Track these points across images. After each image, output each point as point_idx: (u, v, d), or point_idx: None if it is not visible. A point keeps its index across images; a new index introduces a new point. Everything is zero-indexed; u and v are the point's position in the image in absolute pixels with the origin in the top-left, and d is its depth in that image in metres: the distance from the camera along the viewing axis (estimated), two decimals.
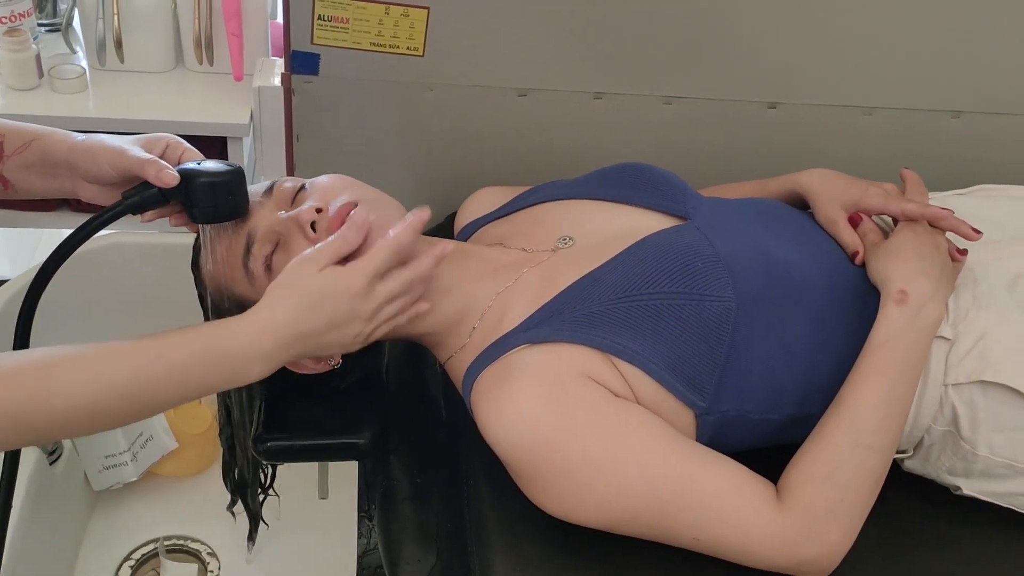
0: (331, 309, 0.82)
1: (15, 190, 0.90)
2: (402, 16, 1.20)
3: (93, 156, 0.87)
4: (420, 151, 1.35)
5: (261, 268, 0.89)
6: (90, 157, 0.87)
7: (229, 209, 0.90)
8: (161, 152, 0.89)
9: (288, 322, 0.80)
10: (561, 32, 1.25)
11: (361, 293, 0.82)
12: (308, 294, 0.81)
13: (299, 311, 0.81)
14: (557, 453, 0.84)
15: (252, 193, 0.93)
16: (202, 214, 0.89)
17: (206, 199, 0.88)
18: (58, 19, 1.68)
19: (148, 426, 1.67)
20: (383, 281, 0.84)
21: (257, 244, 0.90)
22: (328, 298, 0.81)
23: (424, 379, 1.18)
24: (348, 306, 0.82)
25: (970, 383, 0.91)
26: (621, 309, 0.89)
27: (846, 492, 0.85)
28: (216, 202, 0.88)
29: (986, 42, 1.29)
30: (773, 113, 1.34)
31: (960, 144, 1.38)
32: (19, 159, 0.88)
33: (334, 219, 0.89)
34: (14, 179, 0.89)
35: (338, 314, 0.82)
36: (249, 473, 1.09)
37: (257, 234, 0.90)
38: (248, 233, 0.90)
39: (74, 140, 0.89)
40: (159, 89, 1.58)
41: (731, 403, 0.90)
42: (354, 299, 0.82)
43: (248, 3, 1.53)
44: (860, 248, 0.98)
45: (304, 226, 0.88)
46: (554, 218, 1.05)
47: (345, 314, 0.82)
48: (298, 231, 0.89)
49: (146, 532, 1.64)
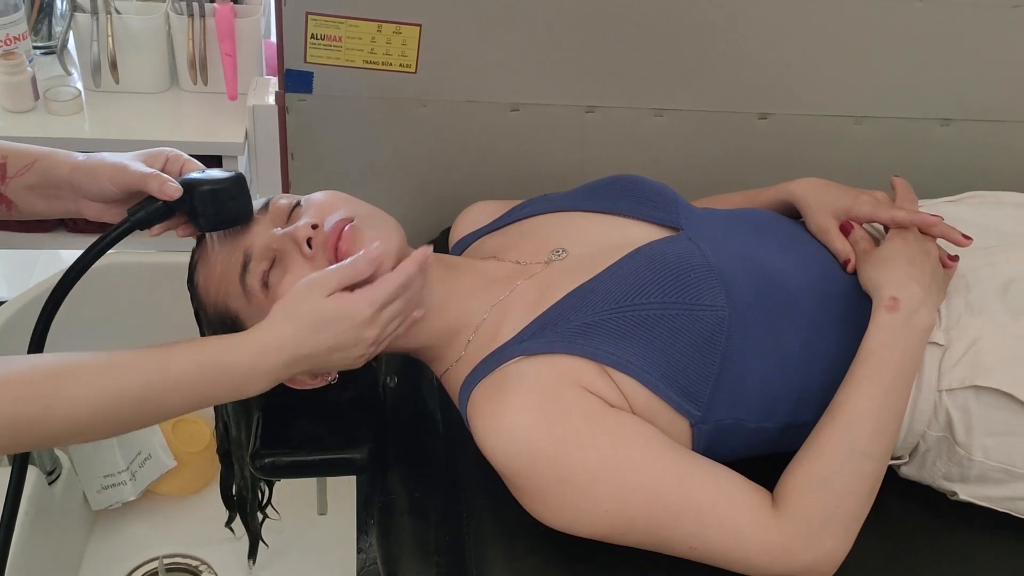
0: (336, 334, 0.83)
1: (18, 211, 0.91)
2: (394, 33, 1.21)
3: (95, 174, 0.87)
4: (414, 167, 1.36)
5: (258, 285, 0.90)
6: (92, 175, 0.88)
7: (233, 215, 0.91)
8: (161, 165, 0.91)
9: (292, 344, 0.82)
10: (553, 47, 1.25)
11: (367, 321, 0.84)
12: (314, 318, 0.82)
13: (303, 333, 0.82)
14: (553, 464, 0.84)
15: None
16: (207, 222, 0.90)
17: (210, 207, 0.89)
18: (53, 42, 1.69)
19: (146, 445, 1.67)
20: (387, 308, 0.85)
21: (254, 261, 0.90)
22: (333, 324, 0.83)
23: (421, 393, 1.19)
24: (353, 332, 0.84)
25: (964, 388, 0.92)
26: (615, 319, 0.90)
27: (842, 499, 0.85)
28: (219, 209, 0.90)
29: (974, 51, 1.30)
30: (764, 124, 1.35)
31: (950, 152, 1.39)
32: (21, 180, 0.89)
33: (330, 235, 0.89)
34: (17, 200, 0.90)
35: (342, 339, 0.83)
36: (247, 490, 1.09)
37: (254, 251, 0.90)
38: (245, 250, 0.91)
39: (76, 160, 0.89)
40: (154, 110, 1.58)
41: (726, 411, 0.90)
42: (359, 326, 0.84)
43: (242, 23, 1.54)
44: (851, 256, 0.99)
45: (300, 243, 0.89)
46: (547, 231, 1.06)
47: (349, 339, 0.84)
48: (294, 248, 0.90)
49: (146, 551, 1.64)
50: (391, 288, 0.85)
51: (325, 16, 1.19)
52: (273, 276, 0.90)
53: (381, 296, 0.84)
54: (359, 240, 0.89)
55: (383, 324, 0.85)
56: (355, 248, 0.88)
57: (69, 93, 1.54)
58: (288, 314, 0.83)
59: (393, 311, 0.86)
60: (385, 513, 1.08)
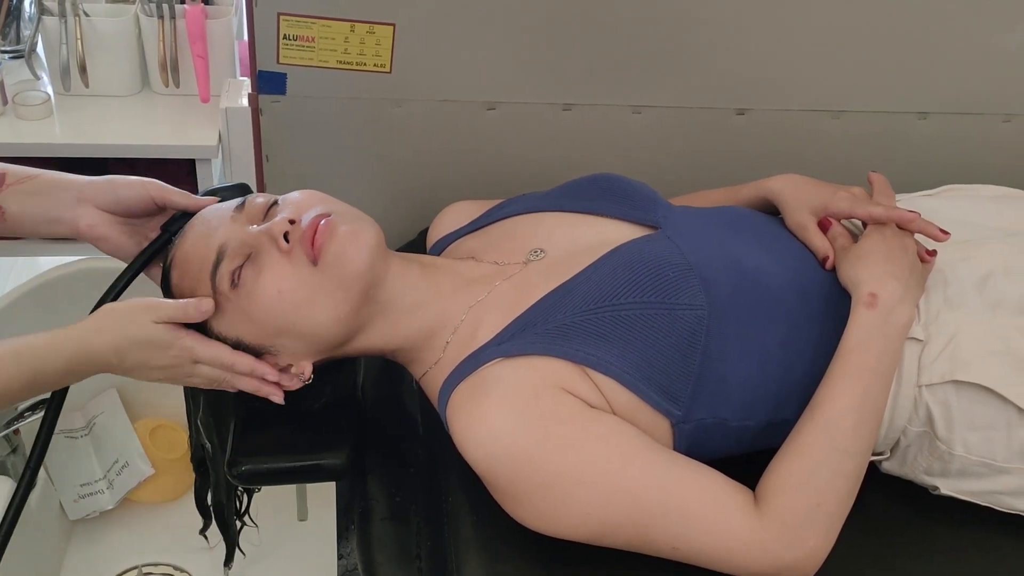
0: (149, 357, 0.88)
1: (4, 221, 0.93)
2: (368, 33, 1.20)
3: (111, 183, 0.95)
4: (390, 167, 1.35)
5: (227, 284, 0.89)
6: (107, 184, 0.95)
7: None
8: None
9: (105, 353, 0.86)
10: (529, 45, 1.25)
11: (184, 360, 0.89)
12: (135, 337, 0.86)
13: (120, 347, 0.86)
14: (534, 466, 0.83)
15: (224, 209, 0.94)
16: None
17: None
18: (21, 45, 1.66)
19: (124, 452, 1.66)
20: (201, 366, 0.90)
21: (227, 260, 0.89)
22: (152, 349, 0.87)
23: (400, 396, 1.18)
24: (167, 362, 0.88)
25: (943, 383, 0.92)
26: (594, 320, 0.89)
27: (823, 497, 0.85)
28: None
29: (951, 45, 1.31)
30: (741, 119, 1.35)
31: (927, 145, 1.39)
32: (20, 187, 0.93)
33: (307, 229, 0.89)
34: (10, 207, 0.93)
35: (154, 362, 0.88)
36: (224, 497, 1.08)
37: (228, 249, 0.89)
38: (219, 248, 0.90)
39: (88, 178, 0.96)
40: (125, 113, 1.57)
41: (706, 411, 0.90)
42: (175, 359, 0.89)
43: (213, 24, 1.52)
44: (830, 253, 0.99)
45: (277, 238, 0.89)
46: (525, 231, 1.05)
47: (160, 367, 0.89)
48: (271, 244, 0.89)
49: (125, 560, 1.63)
50: (211, 353, 0.89)
51: (297, 16, 1.18)
52: (247, 273, 0.89)
53: (203, 353, 0.89)
54: (335, 234, 0.89)
55: (197, 371, 0.90)
56: (331, 243, 0.88)
57: (38, 97, 1.52)
58: (114, 322, 0.86)
59: (208, 372, 0.91)
60: (365, 518, 1.07)
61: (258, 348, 0.92)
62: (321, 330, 0.90)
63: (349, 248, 0.89)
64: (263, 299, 0.88)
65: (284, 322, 0.89)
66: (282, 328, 0.90)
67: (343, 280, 0.89)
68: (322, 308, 0.89)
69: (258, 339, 0.91)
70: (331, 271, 0.88)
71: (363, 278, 0.90)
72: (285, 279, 0.88)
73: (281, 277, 0.88)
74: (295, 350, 0.92)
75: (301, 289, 0.88)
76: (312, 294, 0.88)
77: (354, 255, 0.89)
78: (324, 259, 0.88)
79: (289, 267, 0.88)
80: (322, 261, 0.88)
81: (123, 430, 1.69)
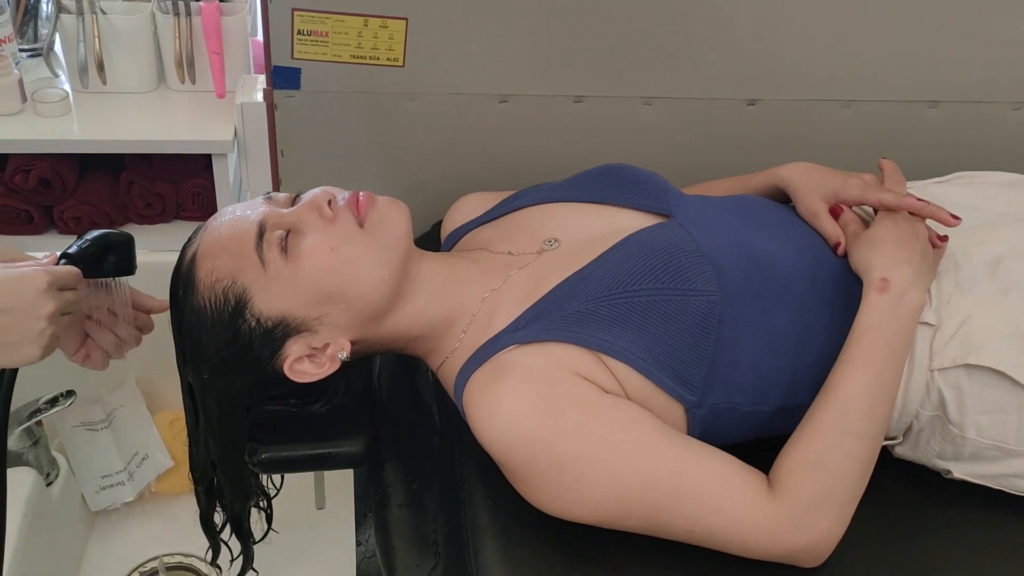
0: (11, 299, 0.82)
1: None
2: (381, 27, 1.21)
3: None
4: (404, 160, 1.36)
5: (276, 251, 0.90)
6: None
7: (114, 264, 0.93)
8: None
9: None
10: (540, 37, 1.26)
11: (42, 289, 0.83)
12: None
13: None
14: (549, 451, 0.85)
15: (249, 202, 0.96)
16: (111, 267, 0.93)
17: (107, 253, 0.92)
18: (39, 44, 1.68)
19: (143, 445, 1.67)
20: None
21: (269, 230, 0.91)
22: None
23: (416, 387, 1.19)
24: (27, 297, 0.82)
25: (955, 367, 0.92)
26: (608, 307, 0.90)
27: (836, 479, 0.86)
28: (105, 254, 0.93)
29: (961, 33, 1.31)
30: (752, 109, 1.35)
31: (937, 133, 1.39)
32: None
33: (350, 197, 0.94)
34: None
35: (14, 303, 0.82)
36: (239, 506, 1.05)
37: (269, 222, 0.92)
38: (260, 222, 0.92)
39: None
40: (142, 109, 1.58)
41: (720, 396, 0.91)
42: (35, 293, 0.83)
43: (228, 21, 1.53)
44: (842, 239, 1.00)
45: (321, 205, 0.92)
46: (539, 221, 1.06)
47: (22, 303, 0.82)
48: (313, 213, 0.92)
49: (146, 551, 1.64)
50: (62, 272, 0.85)
51: (311, 12, 1.19)
52: (291, 241, 0.91)
53: (55, 276, 0.84)
54: (376, 202, 0.94)
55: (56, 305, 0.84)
56: (374, 209, 0.93)
57: (57, 95, 1.54)
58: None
59: (69, 296, 0.86)
60: (383, 505, 1.08)
61: (302, 322, 0.91)
62: (367, 291, 0.92)
63: (392, 210, 0.95)
64: (316, 257, 0.90)
65: (333, 283, 0.90)
66: (332, 292, 0.91)
67: (388, 239, 0.93)
68: (369, 268, 0.92)
69: (304, 309, 0.91)
70: (377, 231, 0.93)
71: (405, 240, 0.94)
72: (337, 237, 0.91)
73: (332, 237, 0.91)
74: (338, 321, 0.92)
75: (351, 245, 0.91)
76: (362, 251, 0.91)
77: (398, 216, 0.94)
78: (370, 220, 0.93)
79: (336, 230, 0.91)
80: (368, 223, 0.93)
81: (143, 422, 1.70)
